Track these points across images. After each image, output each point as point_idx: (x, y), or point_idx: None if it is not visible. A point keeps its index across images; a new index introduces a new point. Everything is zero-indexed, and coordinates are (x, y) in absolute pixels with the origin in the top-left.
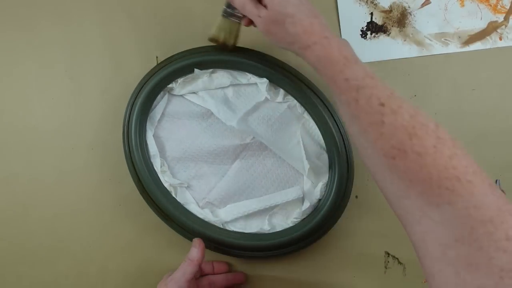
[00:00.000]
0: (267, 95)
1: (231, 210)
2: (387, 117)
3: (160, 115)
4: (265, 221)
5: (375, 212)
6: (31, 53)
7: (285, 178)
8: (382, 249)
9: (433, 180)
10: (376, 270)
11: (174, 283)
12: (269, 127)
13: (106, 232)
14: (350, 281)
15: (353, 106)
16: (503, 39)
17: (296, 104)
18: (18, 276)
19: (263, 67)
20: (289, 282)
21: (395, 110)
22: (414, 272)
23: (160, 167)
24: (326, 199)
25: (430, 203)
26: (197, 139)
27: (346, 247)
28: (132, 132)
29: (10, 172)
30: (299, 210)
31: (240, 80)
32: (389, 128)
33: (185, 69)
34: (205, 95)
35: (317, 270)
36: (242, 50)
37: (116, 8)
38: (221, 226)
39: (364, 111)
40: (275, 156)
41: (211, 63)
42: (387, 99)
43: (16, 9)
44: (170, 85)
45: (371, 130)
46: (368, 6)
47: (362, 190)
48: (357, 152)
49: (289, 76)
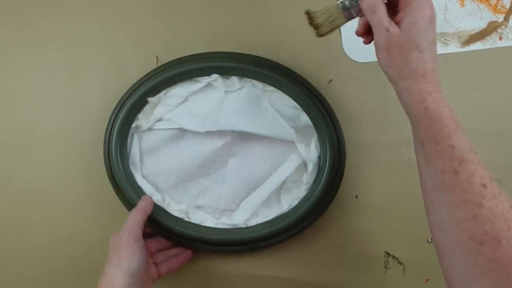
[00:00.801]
0: (224, 88)
1: (246, 207)
2: (487, 200)
3: (139, 156)
4: (281, 202)
5: (375, 212)
6: (31, 53)
7: (280, 153)
8: (382, 249)
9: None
10: (376, 270)
11: (128, 232)
12: (241, 114)
13: (106, 232)
14: (350, 281)
15: (448, 176)
16: (503, 39)
17: (254, 82)
18: (18, 276)
19: (207, 65)
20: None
21: (496, 195)
22: (414, 272)
23: (163, 201)
24: (325, 152)
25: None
26: (182, 160)
27: (346, 247)
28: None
29: (10, 172)
30: (306, 175)
31: (194, 88)
32: (487, 213)
33: (139, 103)
34: (170, 116)
35: (318, 270)
36: (174, 63)
37: (116, 8)
38: (244, 225)
39: (461, 186)
40: (261, 138)
41: (160, 85)
42: (489, 181)
43: (16, 9)
44: (134, 124)
45: (464, 208)
46: None
47: (362, 190)
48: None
49: (233, 61)
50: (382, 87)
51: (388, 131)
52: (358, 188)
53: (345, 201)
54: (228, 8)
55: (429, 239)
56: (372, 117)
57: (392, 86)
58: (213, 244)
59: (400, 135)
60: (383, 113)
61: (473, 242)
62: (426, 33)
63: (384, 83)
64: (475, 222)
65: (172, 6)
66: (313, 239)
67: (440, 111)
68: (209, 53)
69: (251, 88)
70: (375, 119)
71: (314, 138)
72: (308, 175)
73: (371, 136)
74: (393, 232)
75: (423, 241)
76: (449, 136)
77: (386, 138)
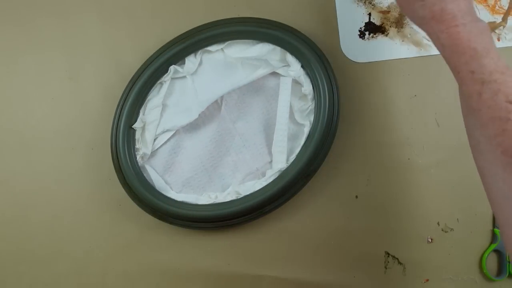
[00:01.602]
0: (186, 74)
1: (278, 149)
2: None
3: (163, 180)
4: (301, 124)
5: (375, 212)
6: (31, 53)
7: (270, 88)
8: (382, 249)
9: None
10: (376, 270)
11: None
12: (216, 82)
13: (106, 232)
14: (350, 281)
15: (474, 99)
16: (501, 39)
17: (206, 50)
18: (18, 276)
19: (163, 60)
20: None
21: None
22: (414, 272)
23: (215, 198)
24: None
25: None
26: (199, 154)
27: (346, 247)
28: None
29: (10, 172)
30: (303, 87)
31: (163, 90)
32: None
33: (126, 129)
34: (162, 128)
35: (318, 270)
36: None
37: (116, 8)
38: (288, 164)
39: (486, 105)
40: (246, 90)
41: (136, 102)
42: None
43: (16, 9)
44: (138, 156)
45: (492, 125)
46: (366, 7)
47: (362, 190)
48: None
49: (181, 43)
50: (381, 87)
51: (388, 131)
52: (358, 188)
53: (345, 201)
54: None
55: (429, 239)
56: (372, 117)
57: None
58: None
59: (400, 135)
60: (383, 113)
61: (506, 156)
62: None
63: (384, 83)
64: (505, 137)
65: (172, 6)
66: (314, 238)
67: (454, 44)
68: (159, 49)
69: (208, 56)
70: (375, 119)
71: (287, 54)
72: (305, 86)
73: (371, 136)
74: (393, 232)
75: (423, 241)
76: (467, 63)
77: (386, 138)
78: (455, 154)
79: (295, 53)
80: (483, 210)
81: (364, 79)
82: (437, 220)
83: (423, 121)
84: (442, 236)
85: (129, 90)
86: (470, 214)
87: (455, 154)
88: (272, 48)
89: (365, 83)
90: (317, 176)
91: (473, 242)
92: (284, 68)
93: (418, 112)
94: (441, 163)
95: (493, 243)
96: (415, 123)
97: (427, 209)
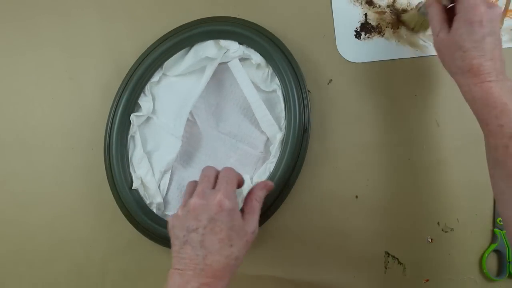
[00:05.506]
0: (151, 108)
1: (266, 123)
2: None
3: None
4: (275, 125)
5: (375, 212)
6: (31, 53)
7: (228, 76)
8: (382, 249)
9: None
10: (376, 270)
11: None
12: (176, 95)
13: (106, 232)
14: (350, 281)
15: (500, 151)
16: None
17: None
18: (18, 276)
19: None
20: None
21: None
22: (414, 272)
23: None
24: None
25: None
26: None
27: (346, 247)
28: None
29: (10, 172)
30: (261, 66)
31: (144, 138)
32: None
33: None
34: (157, 168)
35: (317, 270)
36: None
37: (116, 8)
38: (283, 130)
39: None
40: (205, 89)
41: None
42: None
43: (16, 8)
44: (151, 207)
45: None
46: (362, 7)
47: (362, 190)
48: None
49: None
50: (381, 87)
51: (387, 131)
52: (358, 188)
53: (345, 201)
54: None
55: (429, 239)
56: (372, 117)
57: None
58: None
59: (400, 135)
60: (382, 113)
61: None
62: (470, 34)
63: (383, 83)
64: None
65: (172, 6)
66: (314, 238)
67: (486, 97)
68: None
69: (156, 87)
70: (375, 119)
71: (220, 41)
72: (253, 57)
73: (371, 136)
74: (393, 232)
75: (423, 241)
76: (497, 117)
77: (386, 138)
78: (455, 154)
79: (237, 39)
80: (483, 210)
81: (360, 79)
82: (437, 220)
83: (423, 121)
84: (442, 236)
85: (121, 90)
86: (470, 214)
87: (455, 154)
88: (205, 45)
89: (363, 83)
90: (317, 176)
91: (473, 242)
92: (226, 54)
93: (418, 112)
94: (441, 163)
95: (493, 243)
96: (415, 123)
97: (427, 209)
